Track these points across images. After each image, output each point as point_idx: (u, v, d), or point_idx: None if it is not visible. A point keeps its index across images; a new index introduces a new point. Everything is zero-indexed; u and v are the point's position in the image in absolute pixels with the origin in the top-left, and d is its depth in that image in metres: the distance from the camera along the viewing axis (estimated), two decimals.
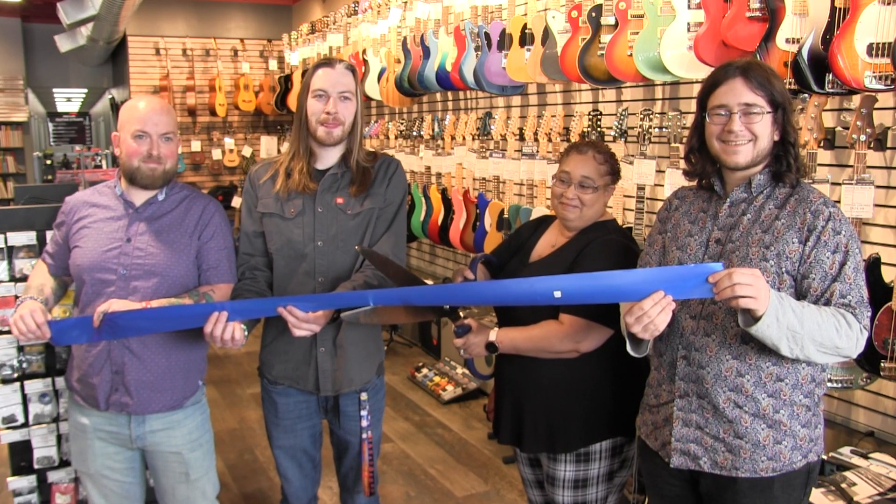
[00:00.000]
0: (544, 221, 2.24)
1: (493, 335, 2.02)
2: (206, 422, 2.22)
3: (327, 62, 2.10)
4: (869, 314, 1.61)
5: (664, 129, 3.23)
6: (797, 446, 1.67)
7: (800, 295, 1.63)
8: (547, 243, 2.15)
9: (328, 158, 2.15)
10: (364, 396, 2.18)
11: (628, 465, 2.11)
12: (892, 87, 2.32)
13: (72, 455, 2.19)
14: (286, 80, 7.81)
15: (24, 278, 2.56)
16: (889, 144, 2.59)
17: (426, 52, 4.78)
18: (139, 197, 2.09)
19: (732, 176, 1.74)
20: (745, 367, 1.65)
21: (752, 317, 1.50)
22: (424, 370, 4.84)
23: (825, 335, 1.54)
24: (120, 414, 2.07)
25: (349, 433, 2.24)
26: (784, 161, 1.68)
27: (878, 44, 2.31)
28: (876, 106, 2.44)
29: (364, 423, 2.18)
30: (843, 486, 2.25)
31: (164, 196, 2.11)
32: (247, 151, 8.92)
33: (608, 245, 2.01)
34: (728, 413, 1.67)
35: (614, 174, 2.07)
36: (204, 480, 2.19)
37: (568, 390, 2.02)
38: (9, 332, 2.60)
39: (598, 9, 3.35)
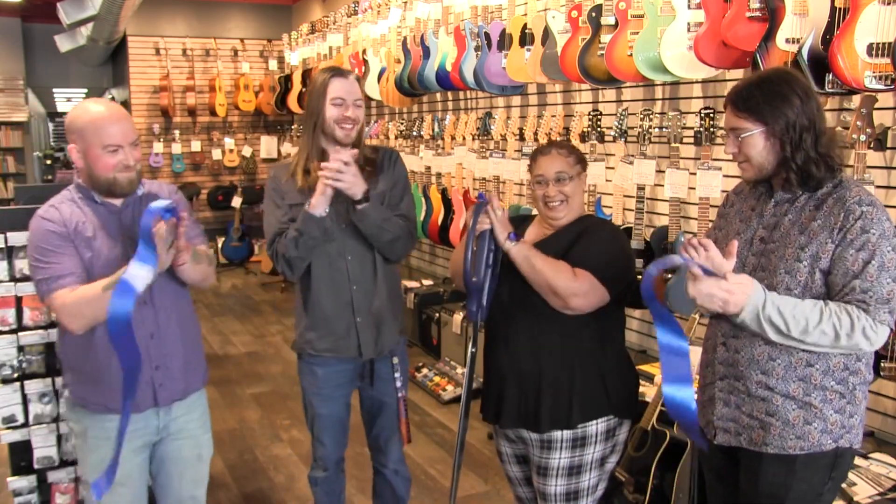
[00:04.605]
0: (525, 220, 2.28)
1: (517, 241, 2.00)
2: (207, 403, 2.34)
3: (340, 73, 2.35)
4: (891, 314, 1.64)
5: (664, 129, 3.22)
6: (827, 429, 1.73)
7: (829, 290, 1.68)
8: (535, 235, 2.19)
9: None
10: (395, 360, 2.50)
11: (618, 450, 2.15)
12: (892, 87, 2.32)
13: (88, 468, 2.13)
14: (286, 80, 7.81)
15: (24, 278, 2.56)
16: (889, 144, 2.60)
17: (426, 52, 4.78)
18: (117, 202, 2.11)
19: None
20: (776, 351, 1.73)
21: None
22: (424, 370, 4.84)
23: (818, 336, 1.64)
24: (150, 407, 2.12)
25: (384, 394, 2.52)
26: (784, 174, 1.72)
27: (878, 44, 2.31)
28: (876, 106, 2.44)
29: (398, 383, 2.51)
30: (843, 486, 2.25)
31: (142, 191, 2.14)
32: (247, 151, 8.92)
33: (606, 225, 2.18)
34: (760, 394, 1.77)
35: (582, 162, 2.16)
36: (209, 462, 2.31)
37: (569, 368, 2.05)
38: (8, 332, 2.60)
39: (598, 9, 3.35)
